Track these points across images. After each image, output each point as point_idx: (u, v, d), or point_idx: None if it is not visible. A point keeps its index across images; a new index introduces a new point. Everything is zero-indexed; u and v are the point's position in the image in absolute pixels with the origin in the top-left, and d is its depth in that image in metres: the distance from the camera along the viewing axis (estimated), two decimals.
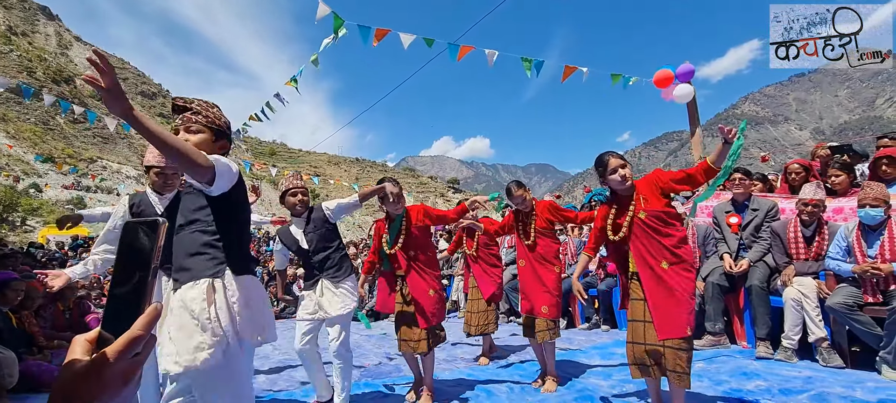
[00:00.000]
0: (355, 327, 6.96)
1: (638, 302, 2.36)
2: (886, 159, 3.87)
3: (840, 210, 3.82)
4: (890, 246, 3.18)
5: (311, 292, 2.93)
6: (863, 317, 3.19)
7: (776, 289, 3.80)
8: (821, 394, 2.76)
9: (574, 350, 4.30)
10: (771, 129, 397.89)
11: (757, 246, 4.07)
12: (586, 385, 3.24)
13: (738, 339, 4.07)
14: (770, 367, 3.39)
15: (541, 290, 3.25)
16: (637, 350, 2.33)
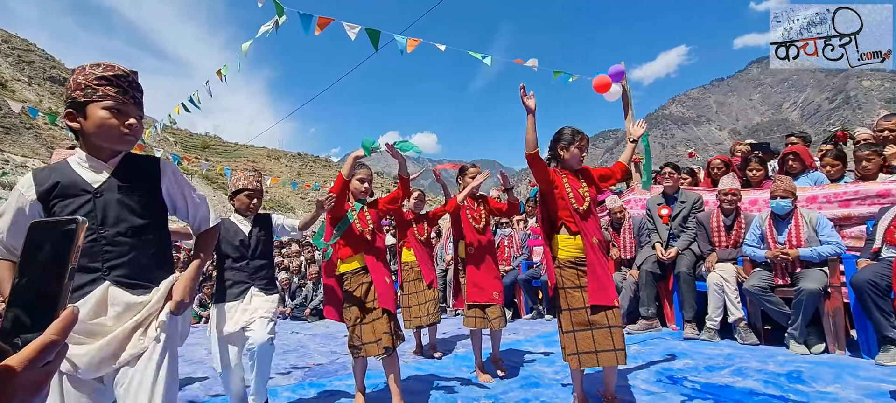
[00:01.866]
0: (299, 326, 6.71)
1: (575, 290, 2.40)
2: (792, 155, 4.30)
3: (755, 201, 4.19)
4: (796, 234, 3.53)
5: (236, 302, 2.58)
6: (774, 298, 3.53)
7: (701, 275, 4.11)
8: (740, 369, 3.02)
9: (520, 339, 4.40)
10: (695, 129, 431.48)
11: (684, 235, 4.38)
12: (532, 372, 3.32)
13: (669, 322, 4.36)
14: (696, 347, 3.66)
15: (492, 277, 3.30)
16: (581, 338, 2.36)
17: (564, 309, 2.41)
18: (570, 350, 2.37)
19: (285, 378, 3.72)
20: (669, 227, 4.54)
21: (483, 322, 3.22)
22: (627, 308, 4.44)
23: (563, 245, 2.47)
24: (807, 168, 4.25)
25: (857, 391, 2.53)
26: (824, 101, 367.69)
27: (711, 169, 5.01)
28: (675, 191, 4.65)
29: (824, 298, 3.31)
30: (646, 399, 2.63)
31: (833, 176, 3.99)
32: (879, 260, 3.11)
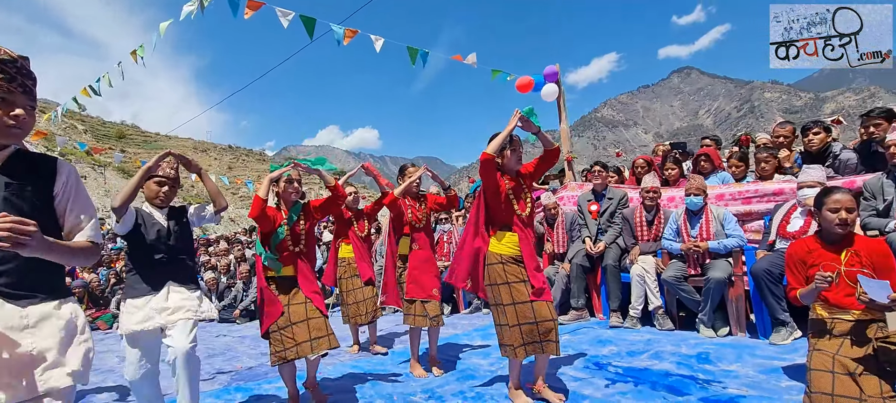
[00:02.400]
0: (227, 328, 6.33)
1: (520, 283, 2.46)
2: (704, 157, 4.71)
3: (672, 198, 4.53)
4: (706, 228, 3.87)
5: (150, 297, 2.34)
6: (687, 287, 3.85)
7: (626, 267, 4.38)
8: (657, 353, 3.26)
9: (457, 333, 4.45)
10: (624, 132, 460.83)
11: (611, 229, 4.64)
12: (468, 365, 3.37)
13: (597, 312, 4.61)
14: (620, 334, 3.90)
15: (433, 274, 3.30)
16: (526, 330, 2.42)
17: (509, 304, 2.45)
18: (515, 343, 2.41)
19: (209, 384, 3.49)
20: (598, 222, 4.80)
21: (422, 320, 3.21)
22: (559, 299, 4.64)
23: (504, 241, 2.53)
24: (716, 168, 4.67)
25: (754, 368, 2.82)
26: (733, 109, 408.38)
27: (635, 168, 5.35)
28: (603, 188, 4.92)
29: (729, 286, 3.65)
30: (574, 384, 2.76)
31: (737, 175, 4.41)
32: (774, 251, 3.48)
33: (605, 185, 4.94)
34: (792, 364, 2.75)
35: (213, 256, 8.87)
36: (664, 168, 4.95)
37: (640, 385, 2.68)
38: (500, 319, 2.50)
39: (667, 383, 2.68)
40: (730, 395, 2.43)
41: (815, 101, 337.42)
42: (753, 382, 2.60)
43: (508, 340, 2.44)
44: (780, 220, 3.56)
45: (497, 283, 2.51)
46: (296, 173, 2.80)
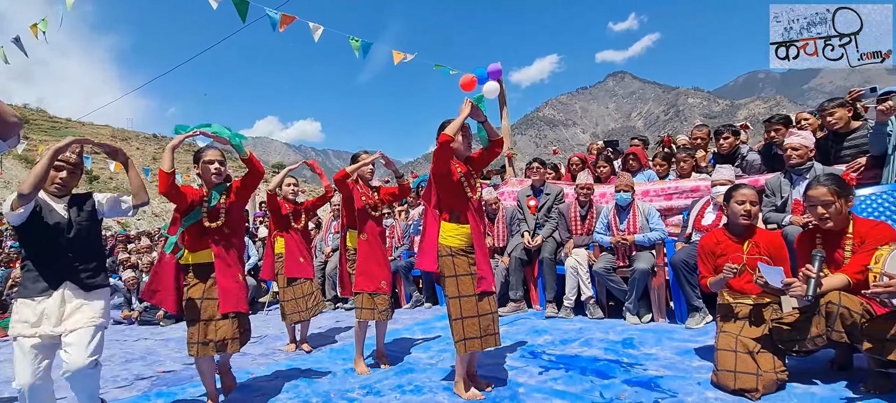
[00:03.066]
0: (149, 330, 5.88)
1: (466, 277, 2.48)
2: (632, 156, 5.02)
3: (604, 194, 4.79)
4: (633, 222, 4.13)
5: (42, 299, 2.12)
6: (616, 278, 4.09)
7: (561, 260, 4.57)
8: (587, 340, 3.44)
9: (398, 328, 4.43)
10: (563, 131, 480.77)
11: (548, 224, 4.83)
12: (408, 359, 3.37)
13: (534, 303, 4.78)
14: (555, 324, 4.07)
15: (383, 266, 3.26)
16: (470, 324, 2.43)
17: (454, 297, 2.46)
18: (459, 337, 2.43)
19: (127, 391, 3.22)
20: (536, 217, 4.97)
21: (370, 313, 3.16)
22: (498, 292, 4.76)
23: (452, 233, 2.53)
24: (643, 166, 5.00)
25: (671, 350, 3.05)
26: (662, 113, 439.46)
27: (571, 165, 5.60)
28: (541, 184, 5.10)
29: (652, 276, 3.92)
30: (511, 373, 2.84)
31: (661, 173, 4.75)
32: (690, 243, 3.79)
33: (543, 181, 5.12)
34: (704, 346, 3.00)
35: (133, 253, 8.18)
36: (597, 166, 5.22)
37: (570, 370, 2.82)
38: (449, 312, 2.50)
39: (595, 367, 2.83)
40: (650, 376, 2.61)
41: (730, 108, 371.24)
42: (670, 363, 2.81)
43: (455, 333, 2.45)
44: (696, 215, 3.87)
45: (445, 276, 2.53)
46: (217, 154, 2.65)
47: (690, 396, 2.31)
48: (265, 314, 6.23)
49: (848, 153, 3.71)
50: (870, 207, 3.21)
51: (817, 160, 3.61)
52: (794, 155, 3.51)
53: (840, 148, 3.78)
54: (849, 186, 2.39)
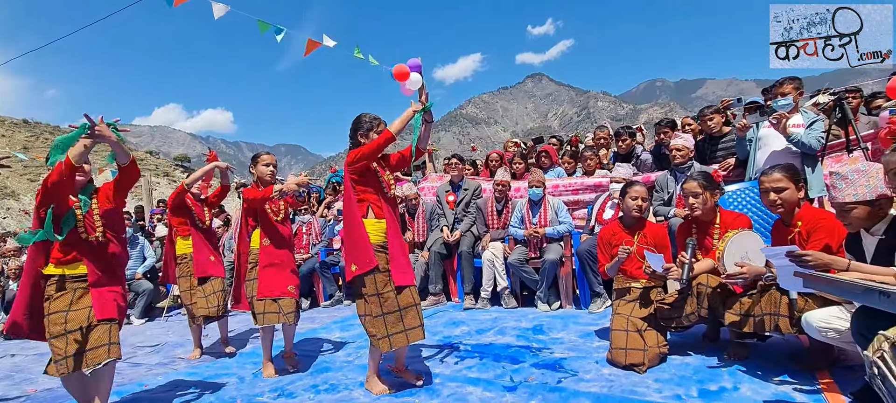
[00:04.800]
0: (19, 345, 5.10)
1: (383, 273, 2.44)
2: (544, 154, 5.33)
3: (519, 189, 5.03)
4: (544, 216, 4.39)
5: None
6: (528, 269, 4.32)
7: (479, 253, 4.73)
8: (501, 329, 3.61)
9: (315, 327, 4.30)
10: (485, 129, 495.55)
11: (466, 219, 4.97)
12: (324, 359, 3.28)
13: (453, 296, 4.89)
14: (472, 315, 4.21)
15: (289, 270, 3.12)
16: (391, 319, 2.40)
17: (373, 294, 2.42)
18: (381, 334, 2.38)
19: None
20: (455, 212, 5.09)
21: (275, 317, 3.02)
22: (419, 286, 4.80)
23: (370, 229, 2.48)
24: (554, 164, 5.33)
25: (576, 334, 3.31)
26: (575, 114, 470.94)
27: (489, 161, 5.80)
28: (460, 179, 5.23)
29: (560, 266, 4.21)
30: (428, 364, 2.89)
31: (568, 171, 5.10)
32: (593, 235, 4.12)
33: (462, 177, 5.25)
34: (603, 328, 3.29)
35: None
36: (513, 162, 5.46)
37: (484, 358, 2.94)
38: (365, 309, 2.46)
39: (507, 354, 2.98)
40: (555, 359, 2.81)
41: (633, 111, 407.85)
42: (574, 345, 3.05)
43: (373, 330, 2.41)
44: (598, 209, 4.22)
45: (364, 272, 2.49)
46: None
47: (589, 374, 2.52)
48: (164, 320, 5.69)
49: (720, 154, 4.27)
50: (735, 201, 3.72)
51: (696, 160, 4.11)
52: (678, 155, 3.97)
53: (714, 149, 4.34)
54: (715, 182, 2.75)
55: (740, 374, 2.30)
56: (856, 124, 3.39)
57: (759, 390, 2.11)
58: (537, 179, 4.46)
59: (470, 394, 2.40)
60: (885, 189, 1.87)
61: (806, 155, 3.52)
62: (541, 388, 2.38)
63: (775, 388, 2.12)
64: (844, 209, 1.94)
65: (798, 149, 3.50)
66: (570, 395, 2.26)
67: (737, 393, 2.10)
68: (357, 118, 2.60)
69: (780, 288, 2.20)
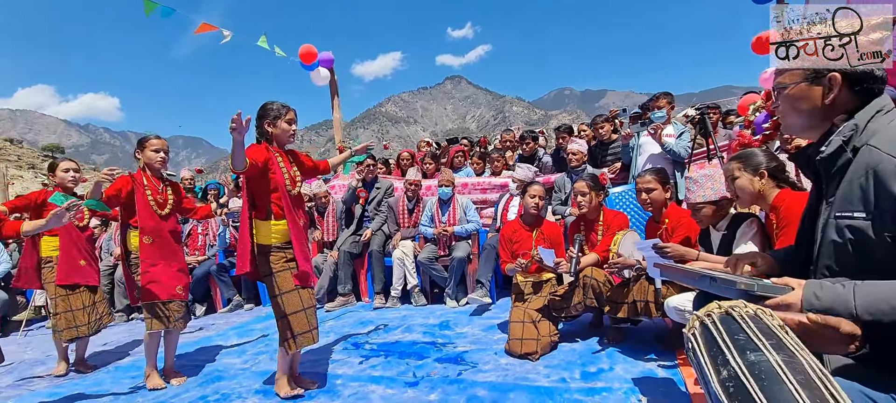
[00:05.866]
0: None
1: (285, 272, 2.35)
2: (457, 153, 5.47)
3: (430, 187, 5.11)
4: (454, 214, 4.51)
5: None
6: (438, 266, 4.41)
7: (389, 252, 4.72)
8: (409, 326, 3.64)
9: (210, 335, 3.99)
10: (405, 128, 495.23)
11: (378, 217, 4.93)
12: (217, 367, 3.06)
13: (363, 296, 4.83)
14: (382, 314, 4.19)
15: (176, 270, 2.86)
16: (296, 320, 2.31)
17: (276, 295, 2.31)
18: (287, 335, 2.30)
19: None
20: (366, 210, 5.03)
21: (160, 323, 2.74)
22: (327, 287, 4.68)
23: (271, 231, 2.35)
24: (464, 164, 5.49)
25: (479, 328, 3.44)
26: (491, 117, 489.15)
27: (401, 160, 5.82)
28: (373, 177, 5.17)
29: (468, 263, 4.35)
30: (331, 367, 2.83)
31: (478, 171, 5.29)
32: (499, 232, 4.32)
33: (375, 176, 5.20)
34: (503, 321, 3.46)
35: None
36: (424, 162, 5.53)
37: (390, 356, 2.94)
38: (274, 312, 2.35)
39: (412, 351, 3.02)
40: (458, 352, 2.90)
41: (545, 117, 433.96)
42: (476, 339, 3.17)
43: (282, 332, 2.32)
44: (503, 208, 4.43)
45: (264, 275, 2.36)
46: None
47: (488, 364, 2.65)
48: (22, 336, 4.89)
49: (610, 159, 4.72)
50: (620, 201, 4.13)
51: (589, 163, 4.50)
52: (573, 158, 4.31)
53: (605, 154, 4.78)
54: (601, 184, 3.04)
55: (617, 356, 2.57)
56: (715, 136, 3.95)
57: (631, 368, 2.38)
58: (447, 179, 4.56)
59: (372, 393, 2.39)
60: (726, 192, 2.21)
61: (676, 161, 4.03)
62: (441, 381, 2.45)
63: (643, 366, 2.39)
64: (696, 208, 2.25)
65: (670, 155, 3.99)
66: (469, 385, 2.36)
67: (612, 373, 2.35)
68: (263, 106, 2.46)
69: (649, 278, 2.49)
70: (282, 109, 2.44)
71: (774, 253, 1.41)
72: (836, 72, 1.09)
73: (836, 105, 1.12)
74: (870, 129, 1.07)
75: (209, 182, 6.31)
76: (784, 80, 1.18)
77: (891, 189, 0.98)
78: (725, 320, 0.77)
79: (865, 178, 1.04)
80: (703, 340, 0.78)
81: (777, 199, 1.95)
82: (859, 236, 1.05)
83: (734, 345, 0.70)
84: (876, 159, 1.02)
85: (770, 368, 0.64)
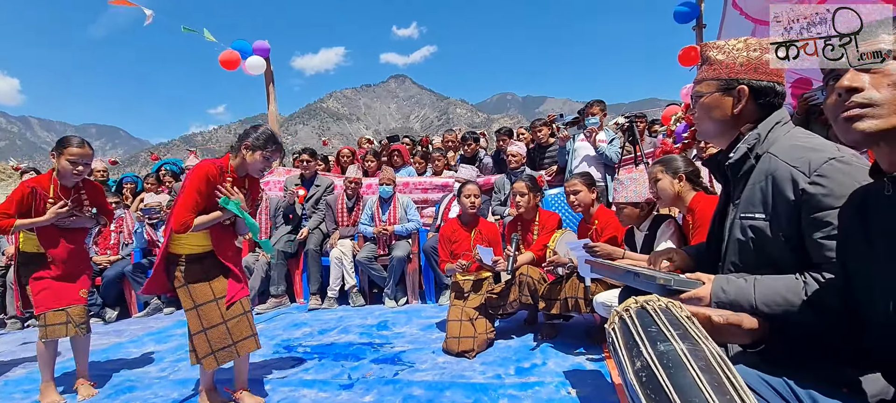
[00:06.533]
0: None
1: (202, 284, 2.15)
2: (397, 153, 5.42)
3: (370, 185, 5.01)
4: (394, 213, 4.45)
5: None
6: (377, 266, 4.33)
7: (327, 251, 4.57)
8: (346, 327, 3.54)
9: (122, 341, 3.64)
10: (347, 125, 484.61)
11: (316, 215, 4.76)
12: (129, 376, 2.79)
13: (298, 297, 4.64)
14: (317, 315, 4.04)
15: (80, 271, 2.56)
16: (215, 334, 2.10)
17: (191, 308, 2.10)
18: (204, 352, 2.08)
19: None
20: (304, 208, 4.84)
21: (60, 329, 2.44)
22: (259, 288, 4.44)
23: (187, 240, 2.14)
24: (405, 163, 5.45)
25: (418, 327, 3.42)
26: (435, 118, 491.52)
27: (341, 157, 5.66)
28: (312, 175, 4.98)
29: (408, 262, 4.32)
30: (259, 371, 2.67)
31: (419, 170, 5.27)
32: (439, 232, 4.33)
33: (314, 173, 5.02)
34: (442, 320, 3.46)
35: None
36: (365, 160, 5.43)
37: (324, 359, 2.84)
38: (189, 327, 2.13)
39: (349, 352, 2.94)
40: (395, 352, 2.86)
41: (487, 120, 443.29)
42: (415, 338, 3.15)
43: (200, 349, 2.10)
44: (444, 207, 4.45)
45: (176, 287, 2.15)
46: None
47: (425, 364, 2.63)
48: None
49: (547, 161, 4.89)
50: (555, 202, 4.29)
51: (528, 165, 4.63)
52: (513, 160, 4.42)
53: (542, 157, 4.95)
54: (539, 185, 3.14)
55: (549, 351, 2.66)
56: (641, 143, 4.22)
57: (562, 363, 2.47)
58: (388, 177, 4.50)
59: (303, 397, 2.29)
60: (649, 194, 2.36)
61: (607, 165, 4.26)
62: (377, 382, 2.40)
63: (574, 360, 2.50)
64: (620, 209, 2.39)
65: (602, 159, 4.21)
66: (405, 385, 2.33)
67: (545, 368, 2.42)
68: (253, 127, 2.24)
69: (579, 276, 2.60)
70: (268, 142, 2.19)
71: (689, 250, 1.52)
72: (744, 85, 1.19)
73: (743, 115, 1.23)
74: (770, 139, 1.18)
75: (125, 175, 5.76)
76: (701, 89, 1.27)
77: (785, 192, 1.09)
78: (641, 313, 0.81)
79: (765, 183, 1.14)
80: (621, 333, 0.81)
81: (693, 201, 2.11)
82: (759, 235, 1.15)
83: (647, 337, 0.74)
84: (774, 166, 1.13)
85: (676, 357, 0.68)
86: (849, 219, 0.92)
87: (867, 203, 0.87)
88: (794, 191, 1.08)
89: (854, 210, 0.90)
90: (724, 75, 1.22)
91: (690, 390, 0.63)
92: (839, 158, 1.05)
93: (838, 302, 0.96)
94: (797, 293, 1.06)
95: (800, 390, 0.86)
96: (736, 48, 1.22)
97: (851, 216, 0.91)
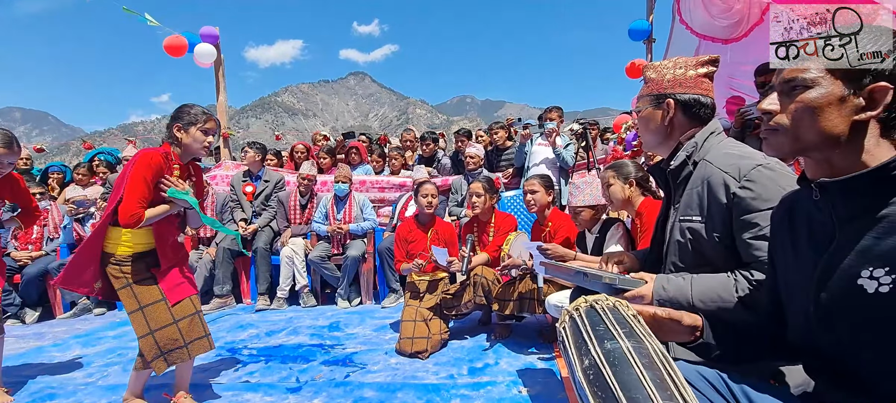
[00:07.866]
0: None
1: (147, 283, 1.99)
2: (354, 150, 5.31)
3: (325, 182, 4.88)
4: (350, 212, 4.36)
5: None
6: (330, 265, 4.22)
7: (277, 250, 4.40)
8: (296, 329, 3.42)
9: (45, 345, 3.33)
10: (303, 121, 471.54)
11: (266, 213, 4.58)
12: (50, 382, 2.55)
13: (244, 297, 4.44)
14: (265, 316, 3.88)
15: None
16: (164, 336, 1.94)
17: (135, 310, 1.94)
18: (154, 354, 1.93)
19: None
20: (253, 204, 4.63)
21: None
22: (202, 287, 4.20)
23: (127, 238, 1.97)
24: (362, 161, 5.35)
25: (371, 328, 3.36)
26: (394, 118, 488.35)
27: (295, 153, 5.48)
28: (259, 170, 4.79)
29: (362, 262, 4.24)
30: (200, 376, 2.52)
31: (377, 169, 5.20)
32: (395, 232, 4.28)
33: (261, 167, 4.83)
34: (396, 321, 3.42)
35: None
36: (320, 156, 5.28)
37: (271, 361, 2.73)
38: (135, 330, 1.96)
39: (298, 354, 2.84)
40: (347, 354, 2.79)
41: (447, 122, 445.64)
42: (367, 339, 3.09)
43: (148, 352, 1.94)
44: (401, 207, 4.41)
45: (116, 289, 1.98)
46: None
47: (377, 365, 2.59)
48: None
49: (504, 163, 4.96)
50: (511, 205, 4.36)
51: (485, 167, 4.68)
52: (471, 161, 4.45)
53: (499, 159, 5.01)
54: (495, 187, 3.17)
55: (502, 350, 2.69)
56: (594, 150, 4.37)
57: (514, 362, 2.50)
58: (343, 175, 4.40)
59: (247, 402, 2.18)
60: (602, 198, 2.44)
61: (562, 168, 4.38)
62: (327, 385, 2.33)
63: (525, 359, 2.54)
64: (576, 212, 2.45)
65: (559, 163, 4.33)
66: (356, 387, 2.27)
67: (497, 367, 2.45)
68: (181, 107, 2.07)
69: (533, 276, 2.65)
70: (200, 116, 2.04)
71: (637, 253, 1.58)
72: (670, 99, 1.28)
73: (674, 125, 1.33)
74: (705, 147, 1.27)
75: (51, 163, 5.28)
76: (639, 105, 1.39)
77: (719, 196, 1.17)
78: (590, 312, 0.83)
79: (701, 188, 1.22)
80: (571, 332, 0.82)
81: (641, 206, 2.20)
82: (696, 236, 1.22)
83: (595, 335, 0.75)
84: (709, 171, 1.21)
85: (622, 354, 0.70)
86: (778, 222, 0.98)
87: (795, 206, 0.94)
88: (726, 194, 1.16)
89: (784, 213, 0.97)
90: (656, 91, 1.34)
91: (634, 386, 0.65)
92: (766, 165, 1.14)
93: (766, 300, 1.03)
94: (729, 290, 1.14)
95: (733, 383, 0.91)
96: (665, 67, 1.34)
97: (781, 217, 0.97)
